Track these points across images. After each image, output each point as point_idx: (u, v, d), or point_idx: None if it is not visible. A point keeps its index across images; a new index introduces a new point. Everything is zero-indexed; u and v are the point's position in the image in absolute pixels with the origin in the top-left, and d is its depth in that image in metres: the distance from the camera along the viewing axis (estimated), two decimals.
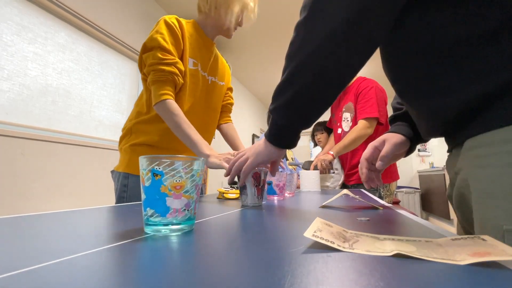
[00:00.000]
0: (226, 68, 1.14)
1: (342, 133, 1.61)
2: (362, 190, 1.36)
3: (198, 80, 0.95)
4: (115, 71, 2.22)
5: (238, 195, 0.81)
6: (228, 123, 1.17)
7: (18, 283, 0.16)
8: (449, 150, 0.51)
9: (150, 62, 0.82)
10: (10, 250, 0.23)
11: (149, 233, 0.30)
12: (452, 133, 0.45)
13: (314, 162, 1.50)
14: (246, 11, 0.95)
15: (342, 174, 1.66)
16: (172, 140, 0.88)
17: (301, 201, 0.74)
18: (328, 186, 1.67)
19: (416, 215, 0.50)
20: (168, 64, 0.82)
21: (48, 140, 1.64)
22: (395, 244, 0.24)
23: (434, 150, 5.07)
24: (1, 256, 0.22)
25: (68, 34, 1.86)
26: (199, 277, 0.17)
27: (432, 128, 0.48)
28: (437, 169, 4.18)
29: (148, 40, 0.84)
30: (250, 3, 0.95)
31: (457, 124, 0.42)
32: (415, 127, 0.59)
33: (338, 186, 1.65)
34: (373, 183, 0.64)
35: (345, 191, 0.71)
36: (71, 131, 1.83)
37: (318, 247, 0.24)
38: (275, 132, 0.54)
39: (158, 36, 0.83)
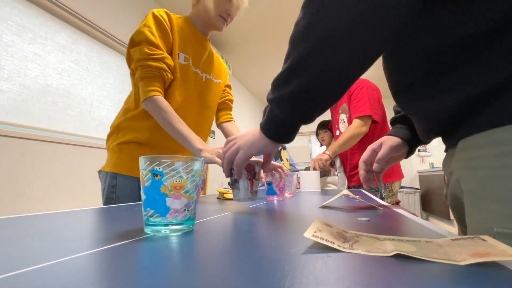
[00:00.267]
0: (223, 66, 1.11)
1: (340, 134, 1.62)
2: (362, 190, 1.36)
3: (189, 75, 0.92)
4: (115, 71, 2.22)
5: None
6: (230, 122, 1.13)
7: (18, 283, 0.16)
8: (446, 150, 0.51)
9: (137, 57, 0.80)
10: (10, 251, 0.23)
11: (149, 234, 0.30)
12: (448, 133, 0.45)
13: (312, 163, 1.51)
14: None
15: (345, 176, 1.67)
16: (163, 137, 0.85)
17: (301, 202, 0.74)
18: (334, 189, 1.67)
19: (416, 215, 0.50)
20: (156, 60, 0.80)
21: (48, 140, 1.64)
22: (395, 245, 0.24)
23: (434, 151, 5.07)
24: (1, 256, 0.22)
25: (68, 34, 1.86)
26: (199, 277, 0.17)
27: (429, 129, 0.48)
28: (437, 169, 4.18)
29: (135, 34, 0.81)
30: None
31: (453, 124, 0.42)
32: (414, 130, 0.59)
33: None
34: (372, 184, 0.65)
35: (345, 191, 0.71)
36: (71, 131, 1.83)
37: (318, 248, 0.24)
38: (273, 124, 0.48)
39: (146, 30, 0.80)
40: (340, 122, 1.63)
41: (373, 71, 0.40)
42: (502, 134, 0.34)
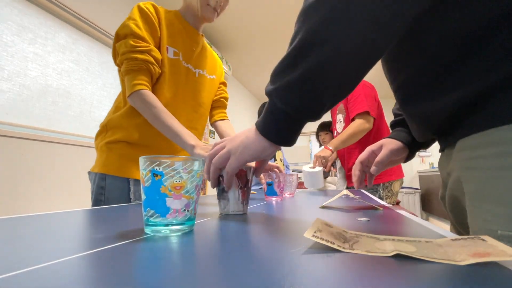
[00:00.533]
0: (217, 62, 1.06)
1: (337, 135, 1.63)
2: (362, 190, 1.36)
3: (179, 70, 0.87)
4: (115, 72, 2.22)
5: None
6: (224, 120, 1.08)
7: (18, 283, 0.16)
8: (441, 150, 0.50)
9: (122, 50, 0.75)
10: (10, 251, 0.23)
11: (149, 234, 0.30)
12: (445, 133, 0.44)
13: (314, 159, 1.50)
14: None
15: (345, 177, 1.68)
16: (153, 136, 0.81)
17: (301, 202, 0.74)
18: (334, 189, 1.67)
19: (416, 216, 0.50)
20: (142, 52, 0.75)
21: (48, 140, 1.64)
22: (395, 245, 0.24)
23: (434, 151, 5.07)
24: (1, 256, 0.22)
25: (68, 34, 1.86)
26: (199, 277, 0.17)
27: (425, 128, 0.47)
28: (437, 169, 4.17)
29: (120, 28, 0.77)
30: None
31: (450, 124, 0.41)
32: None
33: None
34: (361, 185, 0.64)
35: (345, 191, 0.71)
36: (71, 132, 1.83)
37: (318, 248, 0.24)
38: (273, 122, 0.40)
39: (131, 23, 0.76)
40: (337, 123, 1.64)
41: (370, 72, 0.38)
42: (503, 134, 0.33)
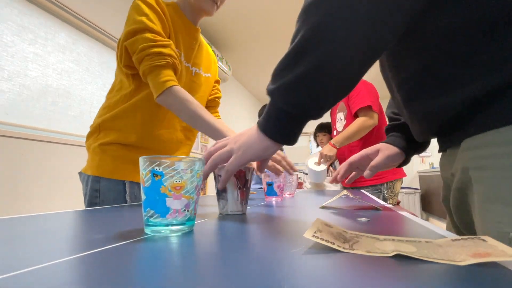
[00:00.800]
0: (212, 58, 1.01)
1: (337, 134, 1.62)
2: (362, 190, 1.36)
3: (181, 72, 0.82)
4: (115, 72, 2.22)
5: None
6: (217, 119, 1.07)
7: (18, 283, 0.16)
8: (443, 150, 0.49)
9: (141, 46, 0.68)
10: (10, 251, 0.23)
11: (149, 234, 0.30)
12: (447, 133, 0.43)
13: (319, 157, 1.49)
14: None
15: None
16: (150, 138, 0.79)
17: (301, 202, 0.74)
18: (334, 189, 1.67)
19: (416, 216, 0.50)
20: (165, 46, 0.69)
21: (48, 140, 1.64)
22: (395, 245, 0.24)
23: (434, 151, 5.05)
24: (3, 256, 0.22)
25: (68, 34, 1.86)
26: (199, 278, 0.17)
27: (427, 128, 0.46)
28: (437, 169, 4.16)
29: (131, 25, 0.69)
30: None
31: (455, 122, 0.40)
32: (411, 139, 0.58)
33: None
34: (336, 182, 0.69)
35: (345, 192, 0.71)
36: (71, 132, 1.83)
37: (318, 248, 0.24)
38: (276, 121, 0.40)
39: (144, 18, 0.69)
40: (338, 121, 1.63)
41: (368, 73, 0.38)
42: None
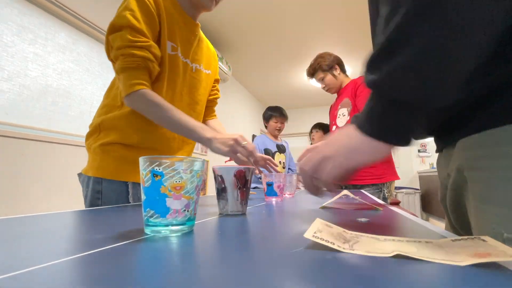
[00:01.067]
0: (213, 54, 0.98)
1: (337, 129, 1.61)
2: (362, 191, 1.36)
3: (178, 67, 0.80)
4: None
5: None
6: (214, 119, 1.05)
7: (18, 284, 0.16)
8: (439, 150, 0.49)
9: (118, 44, 0.68)
10: (10, 251, 0.23)
11: (149, 234, 0.30)
12: (444, 132, 0.43)
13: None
14: None
15: None
16: (155, 139, 0.78)
17: (301, 202, 0.74)
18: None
19: (416, 216, 0.50)
20: (140, 48, 0.68)
21: (48, 141, 1.64)
22: (395, 245, 0.24)
23: (434, 151, 5.07)
24: (1, 257, 0.22)
25: (68, 34, 1.86)
26: (199, 278, 0.17)
27: (425, 126, 0.46)
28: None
29: (115, 18, 0.69)
30: None
31: (450, 122, 0.39)
32: None
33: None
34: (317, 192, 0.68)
35: (345, 192, 0.71)
36: (71, 132, 1.83)
37: (318, 248, 0.24)
38: (387, 117, 0.33)
39: (128, 14, 0.68)
40: (339, 117, 1.62)
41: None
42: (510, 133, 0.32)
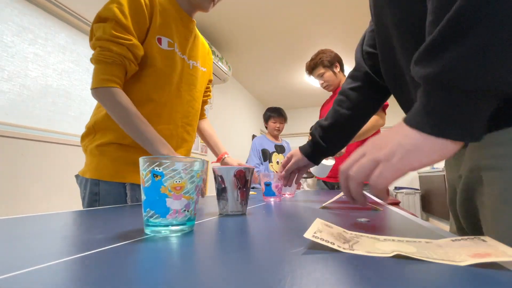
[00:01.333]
0: (208, 52, 0.98)
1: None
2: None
3: (175, 63, 0.79)
4: None
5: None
6: (204, 119, 1.05)
7: (18, 284, 0.16)
8: None
9: (98, 35, 0.66)
10: (10, 251, 0.23)
11: (149, 234, 0.30)
12: None
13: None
14: None
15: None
16: None
17: (301, 202, 0.74)
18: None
19: (416, 216, 0.50)
20: (121, 45, 0.67)
21: (48, 141, 1.64)
22: (395, 245, 0.24)
23: None
24: (3, 257, 0.22)
25: (68, 35, 1.86)
26: (199, 278, 0.17)
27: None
28: (437, 170, 4.18)
29: (102, 10, 0.68)
30: None
31: None
32: (318, 146, 0.73)
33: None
34: (288, 183, 0.78)
35: None
36: (71, 132, 1.83)
37: (318, 248, 0.24)
38: (453, 111, 0.29)
39: (115, 7, 0.67)
40: None
41: None
42: None
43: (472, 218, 0.41)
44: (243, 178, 0.47)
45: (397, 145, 0.32)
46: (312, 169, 1.31)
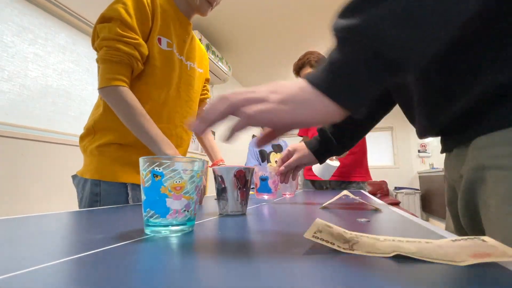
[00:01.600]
0: (204, 54, 1.00)
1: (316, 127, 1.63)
2: (362, 191, 1.36)
3: (173, 64, 0.80)
4: None
5: None
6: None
7: (18, 284, 0.16)
8: (448, 150, 0.48)
9: (104, 35, 0.66)
10: (10, 252, 0.23)
11: (149, 234, 0.30)
12: (455, 131, 0.42)
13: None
14: None
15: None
16: None
17: (300, 202, 0.74)
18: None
19: (416, 216, 0.50)
20: (128, 44, 0.67)
21: (48, 141, 1.64)
22: (395, 245, 0.24)
23: (434, 151, 5.07)
24: (3, 257, 0.22)
25: (68, 35, 1.86)
26: (200, 278, 0.17)
27: (431, 126, 0.44)
28: (437, 170, 4.18)
29: (107, 10, 0.68)
30: None
31: (466, 120, 0.38)
32: (328, 143, 0.69)
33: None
34: (286, 179, 0.73)
35: (345, 192, 0.71)
36: (72, 132, 1.83)
37: (318, 248, 0.24)
38: (354, 73, 0.28)
39: (120, 7, 0.67)
40: None
41: None
42: None
43: (473, 218, 0.41)
44: (243, 178, 0.48)
45: (289, 95, 0.30)
46: (315, 169, 1.30)
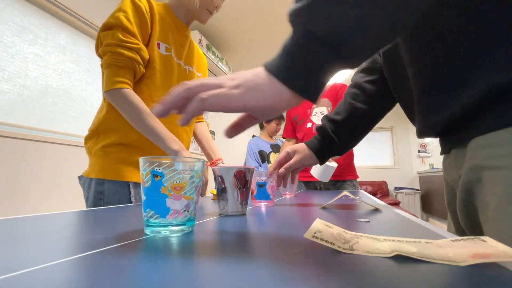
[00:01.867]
0: (203, 58, 1.04)
1: (313, 126, 1.61)
2: (361, 191, 1.36)
3: (172, 67, 0.84)
4: None
5: None
6: (201, 122, 1.07)
7: (18, 284, 0.16)
8: (446, 151, 0.48)
9: (108, 41, 0.70)
10: (10, 252, 0.23)
11: (149, 234, 0.30)
12: (453, 131, 0.42)
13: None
14: None
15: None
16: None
17: (301, 202, 0.74)
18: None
19: (416, 216, 0.50)
20: (130, 49, 0.71)
21: (48, 141, 1.64)
22: (395, 245, 0.24)
23: (434, 152, 5.08)
24: (3, 257, 0.22)
25: (69, 35, 1.86)
26: (200, 278, 0.17)
27: (433, 124, 0.44)
28: (437, 170, 4.18)
29: (109, 19, 0.72)
30: None
31: (463, 120, 0.38)
32: (331, 143, 0.67)
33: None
34: (283, 183, 0.71)
35: (345, 192, 0.71)
36: (72, 132, 1.83)
37: (318, 248, 0.24)
38: (300, 54, 0.29)
39: (121, 15, 0.71)
40: (315, 114, 1.62)
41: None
42: None
43: (472, 218, 0.41)
44: (243, 178, 0.48)
45: (245, 80, 0.31)
46: (314, 171, 1.30)
